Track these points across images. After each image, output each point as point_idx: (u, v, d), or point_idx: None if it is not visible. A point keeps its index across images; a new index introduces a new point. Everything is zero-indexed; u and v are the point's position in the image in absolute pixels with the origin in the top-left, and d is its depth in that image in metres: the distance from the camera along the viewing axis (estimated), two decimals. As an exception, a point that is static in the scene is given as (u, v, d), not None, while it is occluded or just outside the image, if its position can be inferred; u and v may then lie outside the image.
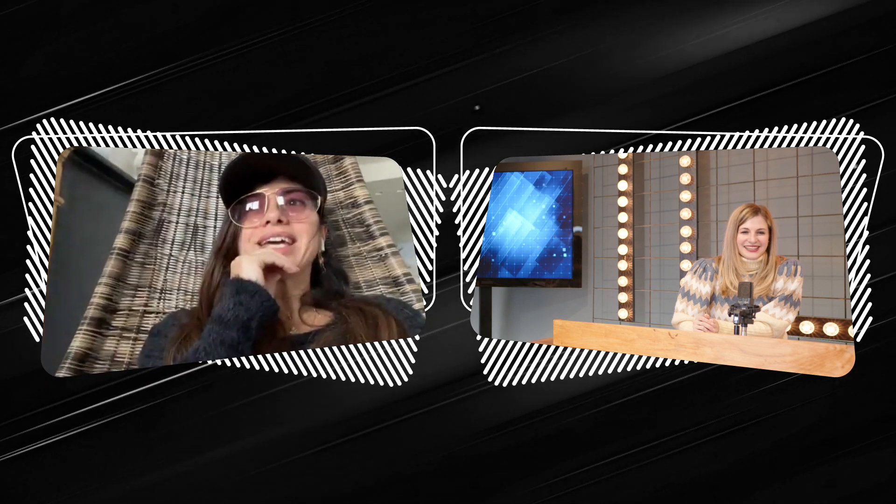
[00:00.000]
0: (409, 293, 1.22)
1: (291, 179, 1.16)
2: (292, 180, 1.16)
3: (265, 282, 1.06)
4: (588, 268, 1.49)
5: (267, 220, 1.12)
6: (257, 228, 1.12)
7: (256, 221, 1.13)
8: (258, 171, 1.15)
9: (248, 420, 1.16)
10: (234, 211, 1.15)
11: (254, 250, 1.11)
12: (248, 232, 1.13)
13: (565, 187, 1.48)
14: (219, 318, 1.04)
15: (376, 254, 1.28)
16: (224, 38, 1.17)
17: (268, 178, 1.15)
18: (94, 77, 1.16)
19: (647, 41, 1.16)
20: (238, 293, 1.04)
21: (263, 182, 1.15)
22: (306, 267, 1.16)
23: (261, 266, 1.06)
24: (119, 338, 1.18)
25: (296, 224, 1.14)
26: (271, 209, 1.13)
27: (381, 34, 1.17)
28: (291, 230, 1.13)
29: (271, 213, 1.12)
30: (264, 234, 1.12)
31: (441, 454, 1.16)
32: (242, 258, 1.09)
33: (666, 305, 1.40)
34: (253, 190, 1.14)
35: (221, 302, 1.06)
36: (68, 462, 1.14)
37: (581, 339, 1.26)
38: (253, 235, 1.12)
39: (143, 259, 1.25)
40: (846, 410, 1.13)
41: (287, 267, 1.09)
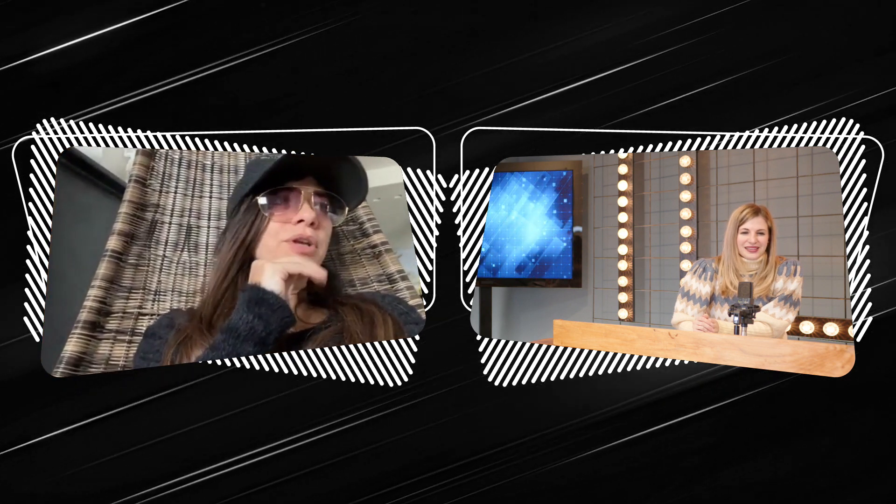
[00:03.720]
0: (404, 290, 1.21)
1: (320, 182, 1.11)
2: (321, 183, 1.11)
3: (285, 292, 1.00)
4: (588, 268, 1.49)
5: (301, 219, 1.07)
6: (287, 225, 1.08)
7: (287, 217, 1.08)
8: (292, 167, 1.10)
9: (248, 420, 1.16)
10: (264, 202, 1.09)
11: (279, 248, 1.07)
12: (277, 226, 1.08)
13: (565, 187, 1.48)
14: (234, 329, 0.97)
15: (370, 251, 1.28)
16: (224, 37, 1.17)
17: (300, 175, 1.10)
18: (94, 77, 1.16)
19: (649, 41, 1.16)
20: (258, 304, 0.97)
21: (296, 178, 1.10)
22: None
23: (284, 277, 0.99)
24: (113, 341, 1.16)
25: (320, 231, 1.10)
26: (306, 209, 1.07)
27: (387, 34, 1.17)
28: (318, 235, 1.09)
29: (307, 213, 1.07)
30: (297, 233, 1.07)
31: (441, 454, 1.16)
32: (266, 265, 1.01)
33: (666, 305, 1.40)
34: (286, 182, 1.09)
35: (238, 312, 0.98)
36: (68, 461, 1.15)
37: (581, 339, 1.26)
38: (282, 231, 1.08)
39: (136, 261, 1.24)
40: (846, 410, 1.13)
41: (318, 279, 1.03)
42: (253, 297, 0.99)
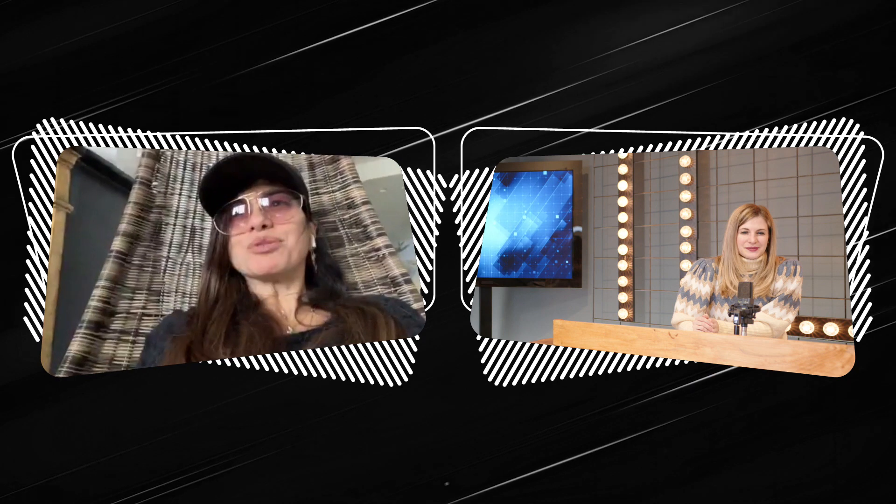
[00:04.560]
0: (407, 293, 1.22)
1: (272, 181, 1.15)
2: (272, 182, 1.15)
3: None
4: (588, 268, 1.49)
5: (251, 226, 1.12)
6: (244, 234, 1.12)
7: (243, 226, 1.12)
8: (237, 178, 1.14)
9: (247, 419, 1.16)
10: (219, 219, 1.14)
11: (247, 256, 1.11)
12: (236, 238, 1.13)
13: (565, 187, 1.48)
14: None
15: (374, 254, 1.28)
16: (223, 38, 1.17)
17: (248, 183, 1.14)
18: (94, 77, 1.16)
19: (650, 42, 1.16)
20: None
21: (244, 187, 1.14)
22: (299, 266, 1.15)
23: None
24: (118, 341, 1.17)
25: (280, 225, 1.14)
26: (255, 214, 1.12)
27: (385, 33, 1.17)
28: (276, 232, 1.13)
29: (255, 219, 1.12)
30: (251, 239, 1.12)
31: (441, 454, 1.16)
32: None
33: (666, 305, 1.40)
34: (235, 196, 1.14)
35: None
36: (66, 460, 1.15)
37: (581, 339, 1.26)
38: (241, 241, 1.12)
39: (140, 262, 1.25)
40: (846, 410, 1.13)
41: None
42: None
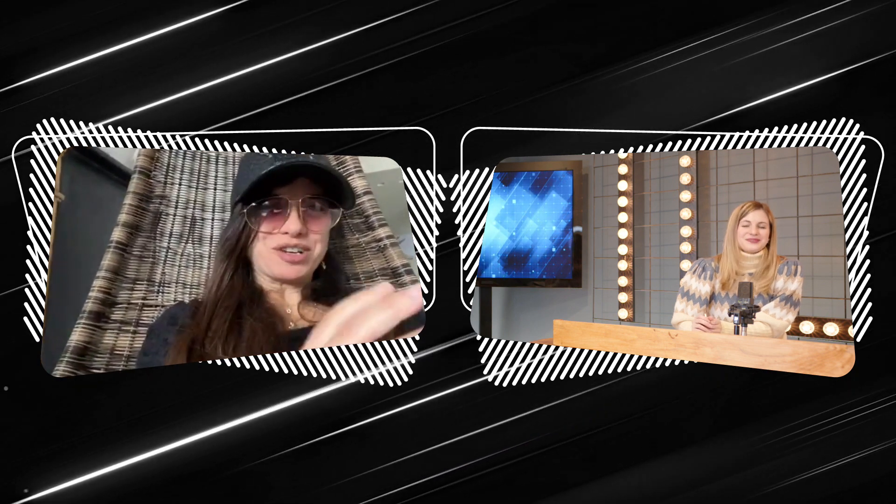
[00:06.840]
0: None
1: (314, 182, 1.12)
2: (315, 183, 1.12)
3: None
4: (588, 268, 1.49)
5: (286, 231, 1.09)
6: (275, 234, 1.10)
7: (276, 226, 1.10)
8: (280, 174, 1.10)
9: (247, 419, 1.16)
10: (252, 212, 1.11)
11: (270, 256, 1.10)
12: (263, 235, 1.10)
13: (565, 187, 1.48)
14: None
15: (375, 245, 1.28)
16: (224, 38, 1.17)
17: (290, 178, 1.11)
18: (93, 77, 1.16)
19: (647, 40, 1.16)
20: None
21: (283, 182, 1.10)
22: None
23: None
24: (118, 331, 1.17)
25: (312, 234, 1.12)
26: (293, 220, 1.09)
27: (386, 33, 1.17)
28: (308, 241, 1.11)
29: (293, 225, 1.09)
30: (281, 243, 1.10)
31: (440, 454, 1.16)
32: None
33: (666, 305, 1.40)
34: (273, 190, 1.10)
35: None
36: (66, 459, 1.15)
37: (581, 339, 1.26)
38: (269, 240, 1.10)
39: (140, 252, 1.25)
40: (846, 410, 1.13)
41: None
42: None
